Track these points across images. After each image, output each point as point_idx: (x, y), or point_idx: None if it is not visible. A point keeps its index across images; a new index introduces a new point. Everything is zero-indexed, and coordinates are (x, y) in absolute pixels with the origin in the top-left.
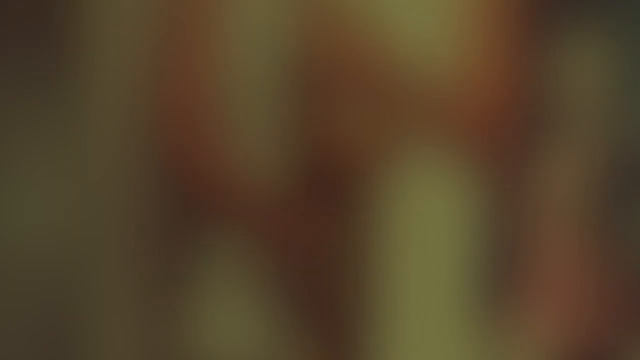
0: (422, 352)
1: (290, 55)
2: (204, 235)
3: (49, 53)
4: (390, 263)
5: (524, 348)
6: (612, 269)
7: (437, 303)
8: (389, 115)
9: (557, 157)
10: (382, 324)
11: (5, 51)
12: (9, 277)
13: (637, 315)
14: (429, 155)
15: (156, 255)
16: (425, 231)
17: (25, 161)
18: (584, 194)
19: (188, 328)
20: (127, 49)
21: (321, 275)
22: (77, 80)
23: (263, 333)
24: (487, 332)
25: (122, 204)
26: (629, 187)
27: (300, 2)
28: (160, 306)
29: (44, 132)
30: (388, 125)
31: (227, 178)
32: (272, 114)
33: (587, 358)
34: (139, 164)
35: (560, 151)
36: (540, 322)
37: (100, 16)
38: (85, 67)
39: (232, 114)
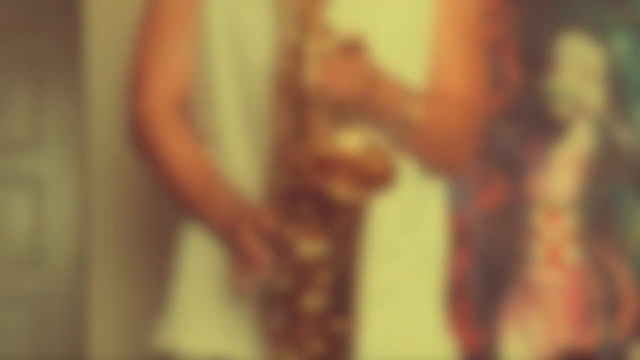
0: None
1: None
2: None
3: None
4: (370, 272)
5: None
6: (607, 270)
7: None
8: (370, 132)
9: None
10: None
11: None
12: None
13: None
14: (410, 171)
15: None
16: (405, 242)
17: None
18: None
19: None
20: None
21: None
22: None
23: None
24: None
25: (116, 205)
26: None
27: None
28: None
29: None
30: (370, 141)
31: (215, 187)
32: (256, 130)
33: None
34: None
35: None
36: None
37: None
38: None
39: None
